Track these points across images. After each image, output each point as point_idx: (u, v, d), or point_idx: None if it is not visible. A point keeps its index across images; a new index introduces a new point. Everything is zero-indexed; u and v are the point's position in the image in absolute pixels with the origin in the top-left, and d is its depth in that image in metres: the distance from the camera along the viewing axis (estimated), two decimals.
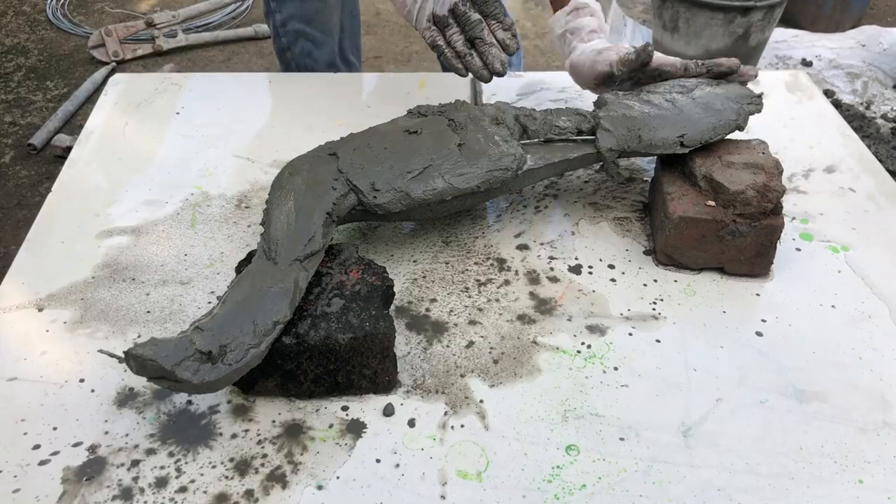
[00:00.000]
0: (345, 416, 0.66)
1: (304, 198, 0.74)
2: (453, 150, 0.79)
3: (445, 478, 0.61)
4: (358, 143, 0.80)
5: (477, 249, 0.84)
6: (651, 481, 0.61)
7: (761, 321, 0.76)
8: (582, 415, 0.66)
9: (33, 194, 1.98)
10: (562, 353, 0.72)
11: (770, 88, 1.13)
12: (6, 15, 2.72)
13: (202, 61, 2.58)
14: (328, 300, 0.67)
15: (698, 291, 0.79)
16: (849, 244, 0.85)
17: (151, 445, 0.63)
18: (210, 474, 0.61)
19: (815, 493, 0.61)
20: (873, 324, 0.76)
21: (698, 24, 2.23)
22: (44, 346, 0.71)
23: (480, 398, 0.68)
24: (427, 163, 0.78)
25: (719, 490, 0.61)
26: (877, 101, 2.21)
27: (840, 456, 0.63)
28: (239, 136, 1.02)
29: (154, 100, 1.08)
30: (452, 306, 0.76)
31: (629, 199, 0.91)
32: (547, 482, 0.61)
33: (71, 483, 0.60)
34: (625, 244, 0.85)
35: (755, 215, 0.76)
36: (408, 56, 2.55)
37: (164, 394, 0.67)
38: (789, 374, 0.70)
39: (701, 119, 0.83)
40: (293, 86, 1.15)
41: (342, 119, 1.02)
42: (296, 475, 0.61)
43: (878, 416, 0.67)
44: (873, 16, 2.78)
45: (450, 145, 0.80)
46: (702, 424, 0.66)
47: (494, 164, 0.78)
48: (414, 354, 0.71)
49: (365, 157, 0.78)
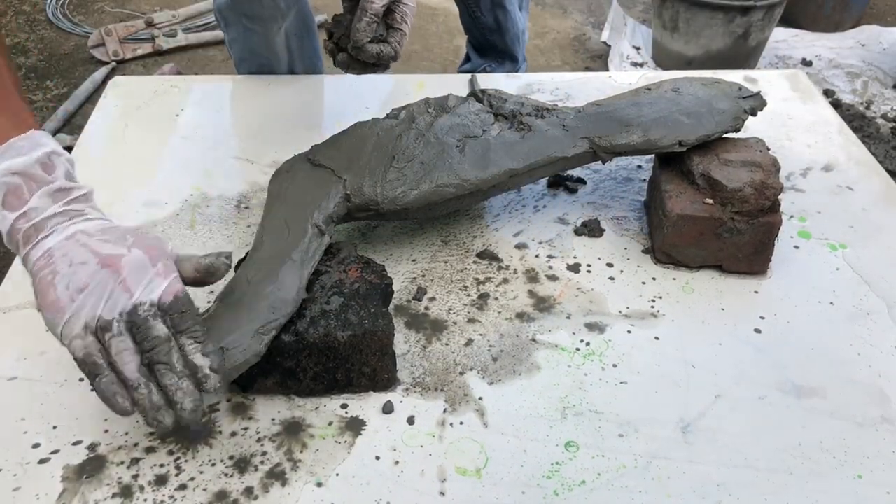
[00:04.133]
0: (344, 413, 0.66)
1: (300, 198, 0.74)
2: (451, 146, 0.79)
3: (445, 474, 0.61)
4: (350, 143, 0.80)
5: (476, 248, 0.84)
6: (650, 477, 0.61)
7: (760, 318, 0.76)
8: (581, 412, 0.67)
9: None
10: (561, 350, 0.72)
11: (769, 88, 1.13)
12: (6, 14, 2.72)
13: (202, 61, 2.58)
14: (327, 298, 0.67)
15: (697, 289, 0.79)
16: (847, 242, 0.85)
17: (151, 443, 0.63)
18: (210, 472, 0.61)
19: (814, 488, 0.61)
20: (871, 320, 0.76)
21: (698, 23, 2.23)
22: (44, 345, 0.71)
23: (479, 395, 0.68)
24: (425, 161, 0.78)
25: (718, 486, 0.61)
26: (877, 101, 2.22)
27: (839, 451, 0.64)
28: (238, 137, 1.02)
29: (153, 102, 1.09)
30: (451, 305, 0.77)
31: (627, 198, 0.91)
32: (546, 478, 0.61)
33: (71, 481, 0.60)
34: (623, 242, 0.85)
35: (753, 213, 0.77)
36: (407, 56, 2.55)
37: None
38: (788, 371, 0.70)
39: (699, 117, 0.84)
40: (292, 87, 1.15)
41: (342, 121, 1.02)
42: (295, 472, 0.61)
43: (876, 412, 0.67)
44: (873, 16, 2.78)
45: (448, 142, 0.80)
46: (701, 421, 0.66)
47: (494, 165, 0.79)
48: (413, 352, 0.71)
49: (361, 157, 0.78)
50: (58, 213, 0.58)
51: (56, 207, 0.58)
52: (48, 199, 0.58)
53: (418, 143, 0.80)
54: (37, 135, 0.59)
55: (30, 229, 0.57)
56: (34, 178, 0.58)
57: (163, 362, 0.55)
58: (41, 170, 0.58)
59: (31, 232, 0.58)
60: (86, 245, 0.57)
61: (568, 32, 2.72)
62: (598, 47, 2.60)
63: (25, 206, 0.57)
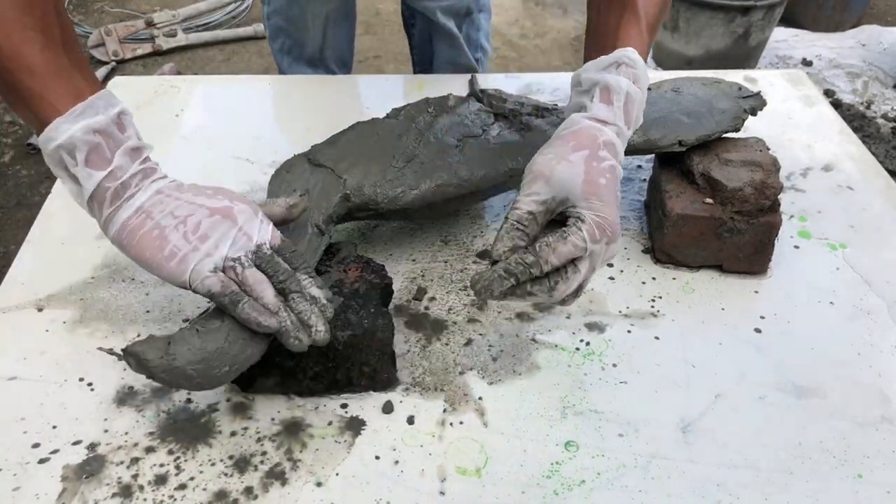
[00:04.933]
0: (344, 413, 0.66)
1: None
2: (451, 146, 0.79)
3: (445, 474, 0.61)
4: (350, 143, 0.80)
5: (476, 248, 0.84)
6: (650, 477, 0.61)
7: (760, 318, 0.76)
8: (581, 411, 0.66)
9: (33, 194, 1.98)
10: (561, 350, 0.72)
11: (769, 88, 1.13)
12: None
13: (202, 61, 2.58)
14: None
15: (697, 289, 0.79)
16: (847, 242, 0.85)
17: (151, 443, 0.63)
18: (209, 472, 0.61)
19: (814, 487, 0.61)
20: (871, 320, 0.76)
21: (698, 23, 2.23)
22: (44, 345, 0.71)
23: (479, 395, 0.68)
24: (424, 161, 0.78)
25: (718, 485, 0.61)
26: (877, 101, 2.21)
27: (839, 451, 0.64)
28: (238, 137, 1.02)
29: (153, 102, 1.09)
30: (451, 304, 0.76)
31: (627, 198, 0.91)
32: (546, 478, 0.61)
33: (71, 481, 0.60)
34: (623, 242, 0.85)
35: (753, 212, 0.77)
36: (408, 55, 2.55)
37: (164, 392, 0.67)
38: (788, 371, 0.70)
39: (699, 117, 0.84)
40: (292, 87, 1.15)
41: (342, 121, 1.02)
42: (295, 472, 0.61)
43: (876, 412, 0.67)
44: (873, 16, 2.78)
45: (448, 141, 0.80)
46: (701, 420, 0.66)
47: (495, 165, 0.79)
48: (413, 352, 0.71)
49: (361, 157, 0.78)
50: (137, 171, 0.59)
51: (136, 167, 0.59)
52: (128, 159, 0.59)
53: (418, 143, 0.80)
54: (108, 94, 0.60)
55: (118, 188, 0.58)
56: (112, 137, 0.58)
57: (296, 291, 0.60)
58: (116, 129, 0.59)
59: (120, 190, 0.58)
60: (183, 199, 0.60)
61: (568, 32, 2.72)
62: None
63: (111, 165, 0.58)
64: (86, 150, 0.57)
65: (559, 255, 0.60)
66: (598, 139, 0.65)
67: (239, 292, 0.58)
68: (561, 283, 0.61)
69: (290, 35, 1.28)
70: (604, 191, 0.62)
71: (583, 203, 0.61)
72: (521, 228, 0.61)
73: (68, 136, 0.56)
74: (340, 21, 1.29)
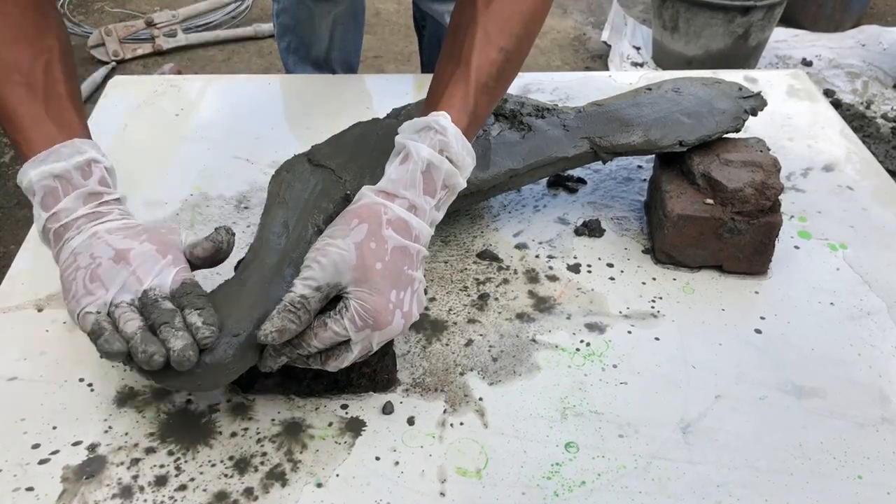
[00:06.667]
0: (344, 414, 0.66)
1: (300, 198, 0.74)
2: None
3: (445, 475, 0.61)
4: (350, 143, 0.80)
5: (476, 248, 0.84)
6: (650, 478, 0.61)
7: (760, 318, 0.76)
8: (581, 412, 0.66)
9: None
10: (561, 350, 0.72)
11: (769, 88, 1.13)
12: None
13: (202, 61, 2.58)
14: None
15: (697, 289, 0.79)
16: (847, 242, 0.85)
17: (151, 444, 0.63)
18: (210, 472, 0.61)
19: (815, 488, 0.61)
20: (871, 321, 0.76)
21: (698, 23, 2.23)
22: (44, 346, 0.71)
23: (480, 396, 0.68)
24: None
25: (718, 486, 0.61)
26: (877, 101, 2.22)
27: (839, 452, 0.64)
28: (238, 137, 1.02)
29: (153, 101, 1.09)
30: (451, 305, 0.76)
31: (628, 198, 0.91)
32: (546, 479, 0.61)
33: (71, 482, 0.60)
34: (623, 243, 0.85)
35: (753, 213, 0.77)
36: (408, 55, 2.55)
37: (164, 393, 0.67)
38: (788, 371, 0.70)
39: (699, 117, 0.84)
40: (292, 87, 1.15)
41: (342, 121, 1.02)
42: (295, 473, 0.61)
43: (876, 412, 0.67)
44: (873, 16, 2.78)
45: None
46: (701, 421, 0.66)
47: None
48: (413, 353, 0.71)
49: (361, 157, 0.78)
50: (85, 214, 0.62)
51: (85, 209, 0.62)
52: (78, 202, 0.62)
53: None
54: (79, 142, 0.64)
55: (59, 229, 0.61)
56: (71, 182, 0.62)
57: (165, 322, 0.57)
58: (79, 175, 0.62)
59: (61, 231, 0.61)
60: (104, 241, 0.60)
61: (568, 32, 2.72)
62: (598, 47, 2.60)
63: (56, 206, 0.61)
64: (42, 192, 0.61)
65: (321, 339, 0.59)
66: (382, 217, 0.61)
67: (105, 327, 0.56)
68: (332, 360, 0.61)
69: (297, 35, 1.29)
70: (377, 276, 0.59)
71: (351, 288, 0.59)
72: (292, 311, 0.58)
73: (28, 179, 0.62)
74: (348, 25, 1.30)
